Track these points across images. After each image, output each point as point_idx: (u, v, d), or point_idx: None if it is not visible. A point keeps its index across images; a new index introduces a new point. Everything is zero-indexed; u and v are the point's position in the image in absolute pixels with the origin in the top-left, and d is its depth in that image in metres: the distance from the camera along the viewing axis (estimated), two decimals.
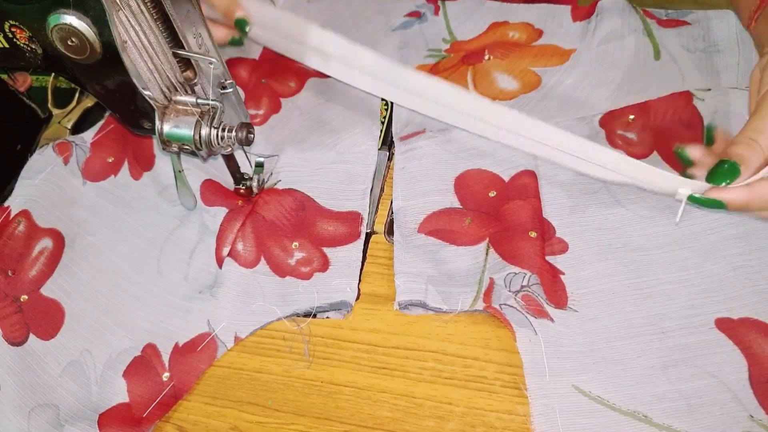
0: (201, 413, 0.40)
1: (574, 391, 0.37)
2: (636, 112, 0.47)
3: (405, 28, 0.57)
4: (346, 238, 0.45)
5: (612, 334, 0.39)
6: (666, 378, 0.37)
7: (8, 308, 0.43)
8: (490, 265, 0.42)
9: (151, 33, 0.35)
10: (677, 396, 0.36)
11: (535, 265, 0.40)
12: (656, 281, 0.40)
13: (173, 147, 0.39)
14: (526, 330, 0.38)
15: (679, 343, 0.38)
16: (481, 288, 0.41)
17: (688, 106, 0.47)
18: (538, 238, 0.41)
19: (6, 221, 0.46)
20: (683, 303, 0.39)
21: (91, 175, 0.50)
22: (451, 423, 0.37)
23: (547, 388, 0.37)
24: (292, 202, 0.46)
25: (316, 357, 0.41)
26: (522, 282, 0.40)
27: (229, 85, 0.40)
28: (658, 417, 0.36)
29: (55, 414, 0.40)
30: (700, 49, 0.50)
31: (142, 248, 0.47)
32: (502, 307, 0.39)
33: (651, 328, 0.38)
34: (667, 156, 0.45)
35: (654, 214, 0.43)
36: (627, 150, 0.46)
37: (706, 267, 0.40)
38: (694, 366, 0.37)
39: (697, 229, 0.42)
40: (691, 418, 0.35)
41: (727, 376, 0.36)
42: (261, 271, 0.44)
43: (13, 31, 0.34)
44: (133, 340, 0.42)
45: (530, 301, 0.39)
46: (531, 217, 0.42)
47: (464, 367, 0.39)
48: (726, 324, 0.38)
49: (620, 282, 0.40)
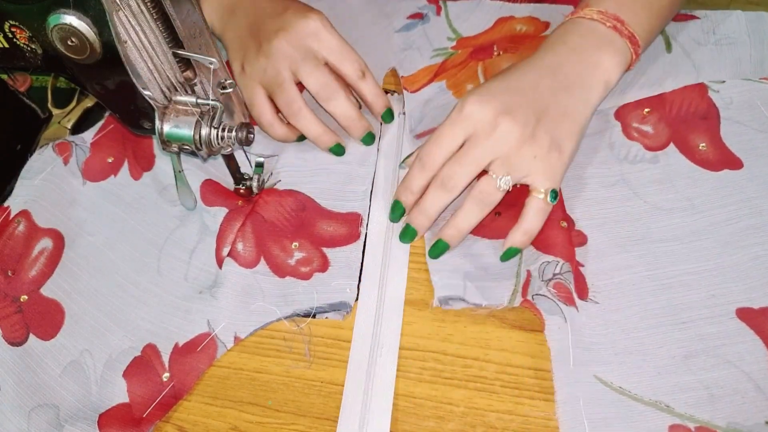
0: (201, 413, 0.40)
1: (596, 381, 0.37)
2: (651, 105, 0.48)
3: (408, 30, 0.57)
4: (346, 238, 0.45)
5: (632, 325, 0.39)
6: (687, 368, 0.37)
7: (8, 308, 0.43)
8: (525, 257, 0.42)
9: (151, 33, 0.35)
10: (699, 386, 0.37)
11: (566, 253, 0.41)
12: (675, 272, 0.41)
13: (173, 147, 0.39)
14: (556, 318, 0.39)
15: (699, 333, 0.38)
16: (519, 281, 0.41)
17: (703, 97, 0.47)
18: (567, 229, 0.42)
19: (6, 221, 0.46)
20: (703, 293, 0.40)
21: (91, 175, 0.50)
22: (451, 423, 0.37)
23: (571, 377, 0.37)
24: (292, 202, 0.46)
25: (316, 357, 0.41)
26: (554, 270, 0.40)
27: (229, 85, 0.40)
28: (680, 407, 0.36)
29: (55, 414, 0.39)
30: (711, 42, 0.50)
31: (142, 248, 0.47)
32: (534, 298, 0.39)
33: (671, 319, 0.39)
34: (683, 147, 0.46)
35: (673, 206, 0.43)
36: (643, 142, 0.46)
37: (725, 257, 0.41)
38: (716, 356, 0.37)
39: (716, 220, 0.42)
40: (713, 408, 0.36)
41: (748, 365, 0.37)
42: (261, 271, 0.44)
43: (13, 31, 0.34)
44: (133, 341, 0.42)
45: (561, 288, 0.39)
46: (560, 207, 0.43)
47: (464, 367, 0.39)
48: (746, 314, 0.38)
49: (639, 274, 0.41)
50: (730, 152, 0.45)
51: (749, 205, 0.42)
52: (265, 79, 0.46)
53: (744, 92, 0.47)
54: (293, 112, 0.46)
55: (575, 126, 0.42)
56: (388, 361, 0.39)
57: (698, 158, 0.45)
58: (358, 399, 0.38)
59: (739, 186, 0.43)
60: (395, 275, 0.43)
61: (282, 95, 0.46)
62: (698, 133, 0.46)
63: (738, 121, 0.46)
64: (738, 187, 0.43)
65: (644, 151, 0.46)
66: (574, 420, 0.36)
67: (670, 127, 0.47)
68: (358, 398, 0.38)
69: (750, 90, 0.47)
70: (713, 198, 0.43)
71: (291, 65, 0.45)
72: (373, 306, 0.42)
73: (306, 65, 0.45)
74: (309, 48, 0.45)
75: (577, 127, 0.42)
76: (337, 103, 0.46)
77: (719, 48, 0.50)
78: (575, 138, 0.42)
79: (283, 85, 0.45)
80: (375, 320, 0.41)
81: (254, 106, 0.47)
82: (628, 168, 0.45)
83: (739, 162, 0.44)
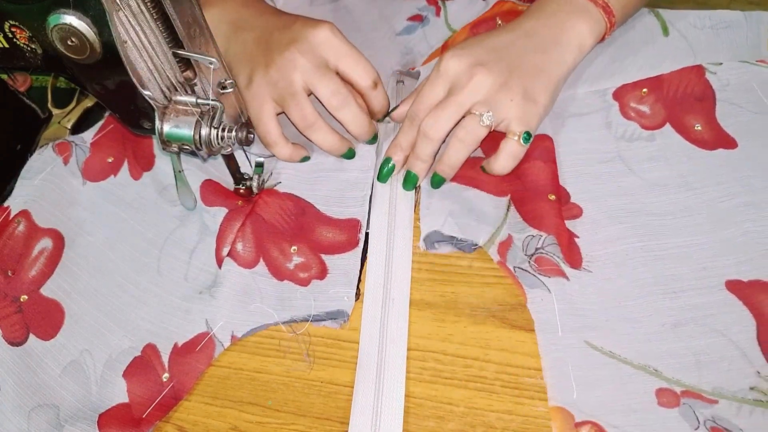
0: (201, 413, 0.40)
1: (586, 346, 0.38)
2: (649, 86, 0.49)
3: (408, 33, 0.57)
4: (344, 245, 0.45)
5: (624, 294, 0.40)
6: (676, 335, 0.38)
7: (8, 308, 0.43)
8: (510, 222, 0.43)
9: (151, 33, 0.35)
10: (687, 352, 0.38)
11: (552, 225, 0.42)
12: (668, 245, 0.42)
13: (173, 147, 0.39)
14: (537, 290, 0.40)
15: (689, 303, 0.39)
16: (498, 234, 0.43)
17: (700, 79, 0.48)
18: (556, 201, 0.43)
19: (6, 221, 0.46)
20: (694, 266, 0.41)
21: (91, 175, 0.50)
22: (451, 423, 0.37)
23: (559, 343, 0.39)
24: (292, 206, 0.46)
25: (316, 357, 0.41)
26: (537, 244, 0.41)
27: (229, 85, 0.40)
28: (668, 371, 0.37)
29: (55, 414, 0.39)
30: (708, 26, 0.51)
31: (142, 248, 0.47)
32: (515, 270, 0.41)
33: (662, 288, 0.40)
34: (679, 127, 0.47)
35: (667, 182, 0.44)
36: (640, 122, 0.47)
37: (718, 233, 0.41)
38: (704, 325, 0.38)
39: (709, 197, 0.43)
40: (699, 373, 0.37)
41: (735, 335, 0.38)
42: (260, 272, 0.44)
43: (13, 31, 0.34)
44: (133, 341, 0.42)
45: (544, 262, 0.41)
46: (550, 180, 0.44)
47: (464, 367, 0.39)
48: (736, 285, 0.39)
49: (633, 245, 0.42)
50: (725, 133, 0.46)
51: (743, 183, 0.43)
52: (276, 92, 0.45)
53: (741, 74, 0.48)
54: (309, 125, 0.46)
55: (549, 82, 0.44)
56: (397, 363, 0.39)
57: (693, 138, 0.46)
58: (369, 403, 0.38)
59: (733, 165, 0.44)
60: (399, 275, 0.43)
61: (296, 107, 0.45)
62: (694, 114, 0.47)
63: (734, 102, 0.47)
64: (732, 165, 0.44)
65: (641, 129, 0.47)
66: (562, 382, 0.37)
67: (667, 108, 0.48)
68: (369, 401, 0.38)
69: (747, 72, 0.48)
70: (707, 176, 0.44)
71: (303, 75, 0.44)
72: (379, 308, 0.42)
73: (317, 74, 0.44)
74: (321, 57, 0.45)
75: (551, 83, 0.44)
76: (348, 111, 0.45)
77: (716, 32, 0.51)
78: (549, 93, 0.44)
79: (297, 96, 0.45)
80: (381, 323, 0.41)
81: (260, 122, 0.46)
82: (624, 145, 0.46)
83: (734, 142, 0.45)
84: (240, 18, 0.48)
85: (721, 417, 0.35)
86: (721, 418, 0.35)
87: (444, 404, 0.38)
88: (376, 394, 0.38)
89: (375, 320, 0.41)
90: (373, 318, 0.41)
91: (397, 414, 0.37)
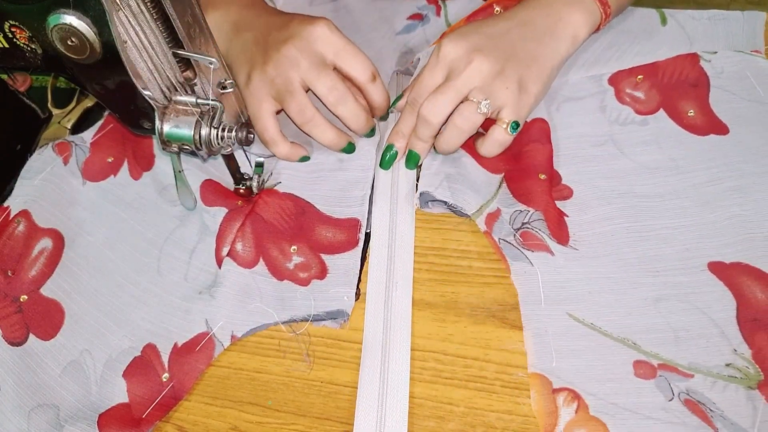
0: (201, 413, 0.40)
1: (568, 317, 0.40)
2: (645, 72, 0.50)
3: (408, 32, 0.57)
4: (344, 245, 0.45)
5: (608, 270, 0.41)
6: (657, 311, 0.39)
7: (8, 308, 0.43)
8: (500, 197, 0.45)
9: (151, 33, 0.35)
10: (666, 328, 0.39)
11: (542, 202, 0.43)
12: (654, 226, 0.43)
13: (173, 147, 0.39)
14: (521, 263, 0.42)
15: (672, 280, 0.40)
16: (487, 207, 0.45)
17: (695, 66, 0.49)
18: (546, 180, 0.44)
19: (6, 221, 0.46)
20: (678, 247, 0.42)
21: (91, 175, 0.50)
22: (451, 423, 0.37)
23: (541, 314, 0.40)
24: (292, 206, 0.46)
25: (316, 357, 0.41)
26: (524, 219, 0.43)
27: (229, 85, 0.40)
28: (646, 345, 0.38)
29: (55, 414, 0.39)
30: (705, 18, 0.52)
31: (142, 248, 0.47)
32: (500, 241, 0.43)
33: (645, 267, 0.41)
34: (672, 113, 0.48)
35: (658, 166, 0.45)
36: (634, 107, 0.48)
37: (704, 216, 0.42)
38: (686, 302, 0.39)
39: (698, 181, 0.44)
40: (677, 348, 0.38)
41: (716, 313, 0.39)
42: (259, 272, 0.44)
43: (13, 31, 0.34)
44: (133, 341, 0.42)
45: (529, 237, 0.42)
46: (544, 161, 0.45)
47: (464, 367, 0.39)
48: (718, 267, 0.40)
49: (620, 225, 0.43)
50: (718, 119, 0.47)
51: (732, 168, 0.44)
52: (274, 89, 0.45)
53: (735, 63, 0.49)
54: (306, 120, 0.46)
55: (543, 72, 0.45)
56: (401, 364, 0.39)
57: (686, 123, 0.47)
58: (373, 403, 0.38)
59: (723, 150, 0.45)
60: (401, 275, 0.43)
61: (293, 103, 0.45)
62: (687, 100, 0.48)
63: (727, 90, 0.48)
64: (723, 151, 0.45)
65: (634, 114, 0.48)
66: (542, 351, 0.38)
67: (661, 94, 0.49)
68: (373, 402, 0.38)
69: (741, 61, 0.49)
70: (698, 160, 0.45)
71: (300, 71, 0.44)
72: (381, 308, 0.42)
73: (314, 69, 0.44)
74: (318, 52, 0.45)
75: (544, 73, 0.45)
76: (346, 107, 0.45)
77: (713, 22, 0.52)
78: (542, 82, 0.45)
79: (294, 92, 0.45)
80: (384, 323, 0.41)
81: (259, 120, 0.46)
82: (617, 129, 0.47)
83: (726, 128, 0.46)
84: (241, 19, 0.49)
85: (695, 390, 0.36)
86: (696, 391, 0.36)
87: (444, 404, 0.38)
88: (381, 395, 0.38)
89: (378, 321, 0.41)
90: (376, 318, 0.41)
91: (402, 415, 0.37)
